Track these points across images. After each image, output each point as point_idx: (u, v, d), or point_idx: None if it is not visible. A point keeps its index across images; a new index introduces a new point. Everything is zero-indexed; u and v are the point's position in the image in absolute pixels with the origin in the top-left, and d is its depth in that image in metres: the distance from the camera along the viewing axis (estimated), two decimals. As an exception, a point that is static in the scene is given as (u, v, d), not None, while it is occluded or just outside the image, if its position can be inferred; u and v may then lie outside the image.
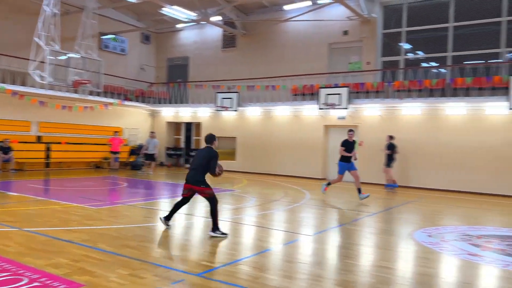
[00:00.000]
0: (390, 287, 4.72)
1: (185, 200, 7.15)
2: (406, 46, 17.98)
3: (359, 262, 5.83)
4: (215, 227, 6.77)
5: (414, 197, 13.00)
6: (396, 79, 16.99)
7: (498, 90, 14.44)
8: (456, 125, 15.16)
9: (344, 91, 16.75)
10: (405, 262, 5.99)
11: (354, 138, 11.86)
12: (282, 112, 18.98)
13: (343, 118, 17.35)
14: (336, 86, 17.39)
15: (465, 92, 15.10)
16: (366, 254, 6.27)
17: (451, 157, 15.09)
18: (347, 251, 6.41)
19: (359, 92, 17.17)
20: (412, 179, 15.72)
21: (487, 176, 14.42)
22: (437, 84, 15.58)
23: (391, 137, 14.80)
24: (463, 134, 14.94)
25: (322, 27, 18.92)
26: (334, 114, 17.55)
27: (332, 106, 16.90)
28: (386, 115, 16.50)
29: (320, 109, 17.39)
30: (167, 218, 7.18)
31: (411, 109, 15.94)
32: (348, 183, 14.41)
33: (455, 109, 15.12)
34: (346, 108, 16.77)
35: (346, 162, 11.73)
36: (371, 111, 16.83)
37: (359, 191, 11.51)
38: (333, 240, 7.21)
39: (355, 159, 11.78)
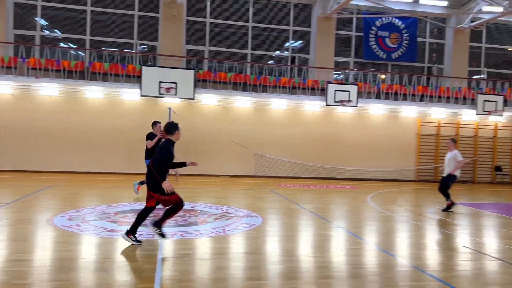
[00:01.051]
0: (27, 281, 4.39)
1: (150, 210, 5.94)
2: (42, 22, 16.82)
3: (-10, 261, 5.11)
4: (131, 231, 5.88)
5: (52, 182, 12.55)
6: (31, 56, 15.66)
7: (132, 78, 15.88)
8: (95, 108, 15.64)
9: (-36, 62, 13.99)
10: (44, 250, 5.70)
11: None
12: None
13: (-36, 94, 14.52)
14: (-47, 55, 14.30)
15: (103, 76, 15.74)
16: (-2, 250, 5.55)
17: (92, 140, 15.48)
18: (-27, 251, 5.47)
19: (-14, 65, 14.81)
20: (49, 163, 15.13)
21: (120, 156, 15.69)
22: (76, 66, 15.45)
23: None
24: (102, 117, 15.61)
25: None
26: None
27: None
28: (19, 94, 15.02)
29: None
30: (131, 232, 5.90)
31: (49, 90, 15.20)
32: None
33: (94, 93, 15.57)
34: (-32, 83, 14.09)
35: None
36: (2, 89, 14.91)
37: (143, 183, 9.92)
38: (-48, 241, 5.96)
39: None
